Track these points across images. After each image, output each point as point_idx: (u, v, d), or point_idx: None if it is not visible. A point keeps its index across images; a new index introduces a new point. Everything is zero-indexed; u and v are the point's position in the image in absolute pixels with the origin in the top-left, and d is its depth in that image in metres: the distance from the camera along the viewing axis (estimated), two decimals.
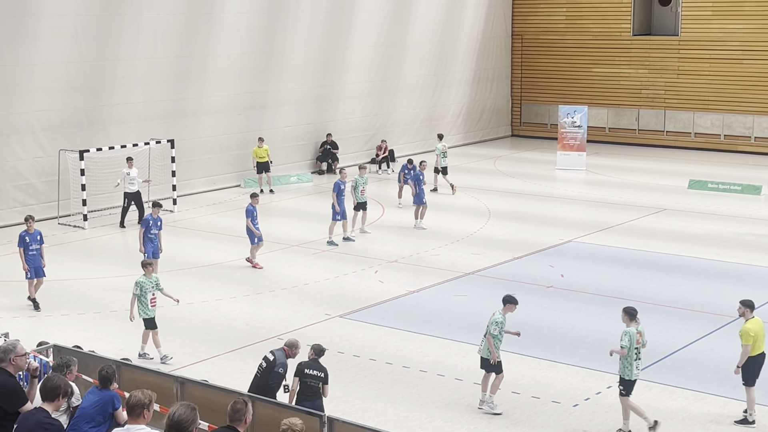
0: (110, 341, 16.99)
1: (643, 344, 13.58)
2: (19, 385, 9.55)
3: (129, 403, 8.45)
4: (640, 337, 13.49)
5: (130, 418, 8.42)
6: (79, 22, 26.93)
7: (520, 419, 14.09)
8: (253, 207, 22.21)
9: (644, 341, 13.60)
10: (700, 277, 21.44)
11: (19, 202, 26.28)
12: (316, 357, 13.02)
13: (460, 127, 40.95)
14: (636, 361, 13.45)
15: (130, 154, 26.60)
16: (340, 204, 23.90)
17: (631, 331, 13.42)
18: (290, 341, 13.36)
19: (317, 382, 12.82)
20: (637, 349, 13.45)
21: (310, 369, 12.91)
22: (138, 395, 8.43)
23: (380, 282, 21.01)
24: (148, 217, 20.68)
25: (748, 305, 13.95)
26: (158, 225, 20.57)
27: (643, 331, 13.56)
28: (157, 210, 20.63)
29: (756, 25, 37.19)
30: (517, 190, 31.23)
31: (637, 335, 13.43)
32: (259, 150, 30.60)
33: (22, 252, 19.02)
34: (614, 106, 40.49)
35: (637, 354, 13.46)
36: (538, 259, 22.67)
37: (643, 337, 13.58)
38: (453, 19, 39.36)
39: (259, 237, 21.94)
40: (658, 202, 28.82)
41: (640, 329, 13.53)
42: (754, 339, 13.71)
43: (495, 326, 14.22)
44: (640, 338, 13.47)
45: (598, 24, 40.59)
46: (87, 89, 27.54)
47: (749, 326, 13.77)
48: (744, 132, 37.96)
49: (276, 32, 32.30)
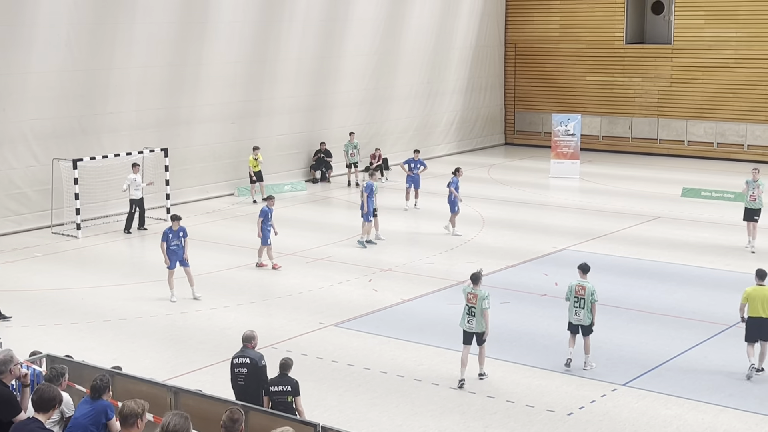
0: (104, 350, 16.96)
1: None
2: (13, 395, 9.53)
3: (122, 413, 8.44)
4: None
5: (123, 428, 8.41)
6: (72, 31, 26.91)
7: (514, 428, 14.07)
8: (269, 209, 22.26)
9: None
10: (694, 285, 21.46)
11: (12, 212, 26.23)
12: (283, 372, 12.63)
13: (453, 136, 40.99)
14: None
15: (134, 160, 26.69)
16: (369, 204, 24.20)
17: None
18: (246, 336, 13.15)
19: (285, 396, 12.43)
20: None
21: (275, 386, 12.56)
22: (131, 405, 8.42)
23: (374, 290, 20.99)
24: (167, 230, 20.48)
25: (759, 275, 15.93)
26: (179, 236, 20.41)
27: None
28: (176, 223, 20.47)
29: (749, 34, 37.31)
30: (511, 199, 31.25)
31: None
32: (253, 160, 30.35)
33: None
34: (608, 115, 40.56)
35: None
36: (532, 267, 22.68)
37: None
38: (446, 28, 39.43)
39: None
40: (651, 210, 28.86)
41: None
42: (746, 299, 15.79)
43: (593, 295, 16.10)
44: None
45: (591, 32, 40.68)
46: (80, 98, 27.50)
47: (749, 289, 15.90)
48: (737, 140, 38.05)
49: (269, 41, 32.32)
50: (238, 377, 13.01)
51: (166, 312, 19.48)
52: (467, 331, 15.66)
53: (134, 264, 24.32)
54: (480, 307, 15.43)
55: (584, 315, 16.07)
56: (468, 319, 15.60)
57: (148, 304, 20.03)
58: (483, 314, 15.43)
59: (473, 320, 15.53)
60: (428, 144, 39.06)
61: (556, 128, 35.34)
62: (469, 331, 15.63)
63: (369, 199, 24.33)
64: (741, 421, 14.28)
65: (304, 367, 16.35)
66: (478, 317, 15.49)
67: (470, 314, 15.56)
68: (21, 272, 22.58)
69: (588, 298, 15.98)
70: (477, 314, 15.49)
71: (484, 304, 15.42)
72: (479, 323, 15.49)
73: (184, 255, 20.25)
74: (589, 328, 16.19)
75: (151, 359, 16.86)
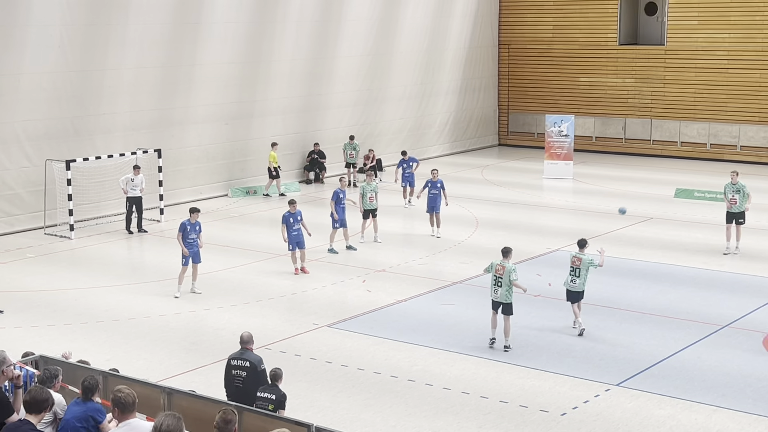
0: (97, 351, 16.90)
1: (510, 278, 16.82)
2: (5, 396, 9.50)
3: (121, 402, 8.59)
4: (502, 270, 16.93)
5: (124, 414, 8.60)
6: (65, 31, 26.87)
7: (508, 428, 14.08)
8: (290, 214, 22.27)
9: (507, 274, 16.84)
10: (687, 285, 21.49)
11: (5, 213, 26.18)
12: (274, 383, 12.46)
13: (447, 137, 41.01)
14: (493, 286, 17.10)
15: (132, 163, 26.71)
16: (339, 212, 23.98)
17: (493, 262, 17.24)
18: (246, 338, 13.07)
19: (267, 405, 12.18)
20: (496, 277, 17.02)
21: (263, 392, 12.37)
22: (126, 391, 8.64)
23: (368, 291, 20.99)
24: (185, 222, 20.54)
25: None
26: (196, 230, 20.47)
27: (507, 266, 16.92)
28: (195, 215, 20.50)
29: (742, 35, 37.39)
30: (505, 199, 31.27)
31: (498, 266, 17.01)
32: (275, 154, 31.37)
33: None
34: (601, 116, 40.61)
35: (495, 281, 17.03)
36: (526, 268, 22.65)
37: (506, 270, 16.87)
38: (440, 29, 39.45)
39: (294, 243, 22.11)
40: (644, 211, 28.89)
41: (504, 264, 16.99)
42: None
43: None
44: (501, 270, 16.95)
45: (584, 33, 40.73)
46: (73, 99, 27.46)
47: None
48: (730, 141, 38.12)
49: (263, 41, 32.30)
50: (236, 379, 12.96)
51: (160, 313, 19.46)
52: (494, 300, 17.19)
53: (128, 265, 24.29)
54: (507, 279, 16.88)
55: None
56: (494, 290, 17.13)
57: (141, 305, 20.01)
58: (512, 285, 16.93)
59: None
60: (422, 145, 39.08)
61: (550, 129, 35.38)
62: (495, 300, 17.16)
63: (337, 206, 24.02)
64: (734, 421, 14.30)
65: (298, 368, 16.36)
66: (504, 288, 16.97)
67: (497, 284, 17.07)
68: (14, 273, 22.54)
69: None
70: (503, 285, 16.95)
71: (512, 276, 16.91)
72: (504, 294, 17.00)
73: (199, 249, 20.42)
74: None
75: (144, 360, 16.85)
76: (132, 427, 8.66)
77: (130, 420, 8.67)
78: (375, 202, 25.15)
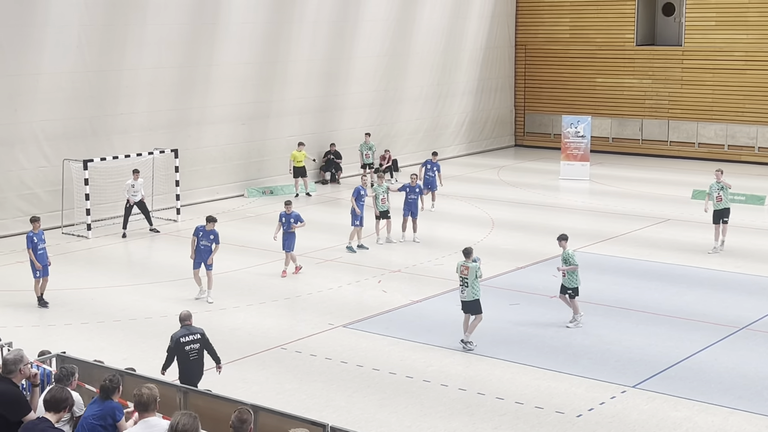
0: (114, 350, 17.00)
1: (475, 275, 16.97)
2: (23, 394, 9.56)
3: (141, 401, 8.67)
4: (466, 270, 17.03)
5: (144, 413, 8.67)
6: (83, 32, 27.00)
7: (524, 429, 14.07)
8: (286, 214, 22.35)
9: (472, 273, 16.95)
10: (704, 287, 21.41)
11: (23, 212, 26.29)
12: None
13: (463, 137, 40.98)
14: (460, 287, 17.22)
15: (135, 166, 26.58)
16: (360, 208, 24.08)
17: (458, 263, 17.33)
18: (185, 315, 14.20)
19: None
20: (462, 278, 17.13)
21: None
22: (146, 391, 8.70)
23: (383, 291, 21.00)
24: (199, 227, 20.55)
25: None
26: (210, 238, 20.39)
27: (471, 266, 16.99)
28: (210, 225, 20.47)
29: (759, 35, 37.20)
30: (521, 200, 31.22)
31: (463, 268, 17.11)
32: (297, 154, 31.28)
33: (31, 252, 19.69)
34: (618, 116, 40.49)
35: (462, 282, 17.13)
36: (542, 269, 22.65)
37: (471, 270, 16.96)
38: (456, 29, 39.42)
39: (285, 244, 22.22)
40: (661, 212, 28.80)
41: (467, 264, 17.06)
42: None
43: None
44: (465, 271, 17.04)
45: (601, 34, 40.61)
46: (91, 99, 27.59)
47: None
48: (748, 142, 37.94)
49: (280, 42, 32.37)
50: (191, 354, 13.93)
51: (176, 312, 19.44)
52: (463, 301, 17.28)
53: (144, 264, 24.38)
54: (473, 278, 17.03)
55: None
56: (462, 290, 17.26)
57: (158, 304, 20.08)
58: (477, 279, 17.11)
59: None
60: (438, 145, 38.98)
61: (566, 130, 35.30)
62: (464, 300, 17.25)
63: (358, 202, 24.20)
64: (751, 423, 14.24)
65: (313, 368, 16.40)
66: (470, 288, 17.08)
67: (464, 285, 17.20)
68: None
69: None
70: (470, 285, 17.08)
71: (478, 273, 17.12)
72: (470, 293, 17.10)
73: (210, 258, 20.29)
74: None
75: (160, 359, 16.83)
76: (150, 425, 8.71)
77: (148, 418, 8.73)
78: (387, 204, 25.13)
